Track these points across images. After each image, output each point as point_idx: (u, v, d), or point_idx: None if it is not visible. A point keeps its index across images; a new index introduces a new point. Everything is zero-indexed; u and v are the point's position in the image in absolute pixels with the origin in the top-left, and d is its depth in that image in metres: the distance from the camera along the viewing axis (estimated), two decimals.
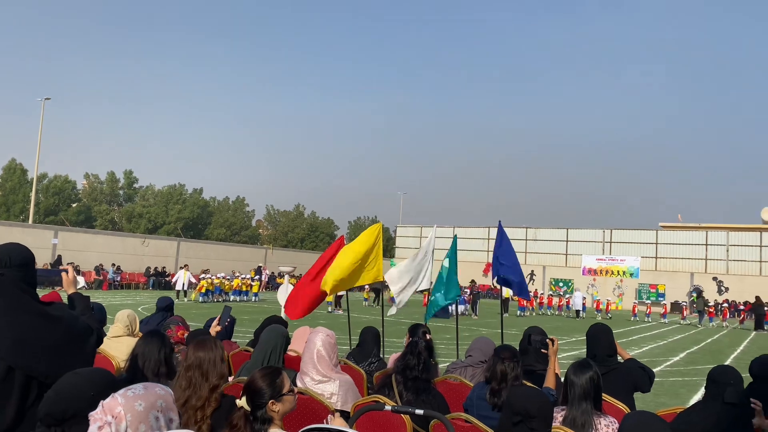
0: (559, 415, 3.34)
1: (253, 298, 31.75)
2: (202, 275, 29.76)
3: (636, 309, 34.85)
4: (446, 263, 8.81)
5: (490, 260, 53.36)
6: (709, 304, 34.08)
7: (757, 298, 32.71)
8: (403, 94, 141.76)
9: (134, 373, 3.18)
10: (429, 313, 9.17)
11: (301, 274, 42.93)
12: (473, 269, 48.70)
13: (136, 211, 62.21)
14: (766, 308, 31.11)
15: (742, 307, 37.36)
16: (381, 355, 5.65)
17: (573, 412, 3.26)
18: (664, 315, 34.73)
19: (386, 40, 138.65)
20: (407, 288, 9.14)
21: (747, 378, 3.75)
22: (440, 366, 5.55)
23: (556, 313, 34.86)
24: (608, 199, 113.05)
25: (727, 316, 34.83)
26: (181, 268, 30.94)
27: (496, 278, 8.33)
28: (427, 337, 4.97)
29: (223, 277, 30.90)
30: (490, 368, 3.89)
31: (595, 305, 36.18)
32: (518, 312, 30.59)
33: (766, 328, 29.81)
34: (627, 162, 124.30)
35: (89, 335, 2.93)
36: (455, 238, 9.37)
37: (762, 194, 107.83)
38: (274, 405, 2.65)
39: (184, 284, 29.06)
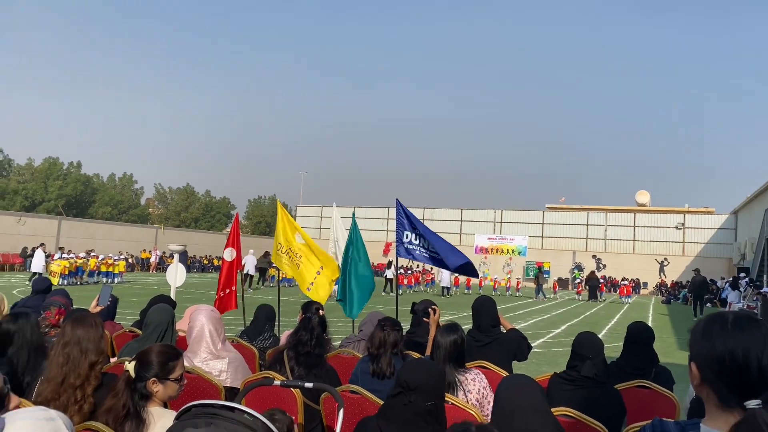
0: None
1: (116, 279, 28.58)
2: (65, 255, 26.81)
3: (519, 285, 36.77)
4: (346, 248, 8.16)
5: (390, 239, 53.91)
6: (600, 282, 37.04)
7: (592, 272, 37.74)
8: (304, 73, 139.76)
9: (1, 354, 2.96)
10: (350, 310, 7.97)
11: (208, 257, 41.08)
12: (373, 248, 49.13)
13: (10, 187, 57.28)
14: (600, 281, 36.43)
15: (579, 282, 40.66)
16: (275, 333, 5.61)
17: None
18: (555, 291, 37.12)
19: (286, 12, 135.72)
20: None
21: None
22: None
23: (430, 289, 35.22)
24: (499, 181, 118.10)
25: (604, 291, 37.66)
26: (36, 247, 26.14)
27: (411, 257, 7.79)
28: (321, 313, 4.98)
29: (85, 257, 28.19)
30: (373, 337, 3.96)
31: (492, 283, 37.41)
32: (409, 290, 31.58)
33: (600, 298, 34.10)
34: (517, 145, 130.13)
35: None
36: (354, 218, 9.09)
37: (636, 179, 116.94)
38: (155, 384, 2.55)
39: (40, 266, 24.30)
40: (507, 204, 75.60)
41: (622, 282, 38.24)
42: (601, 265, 49.71)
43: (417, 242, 7.48)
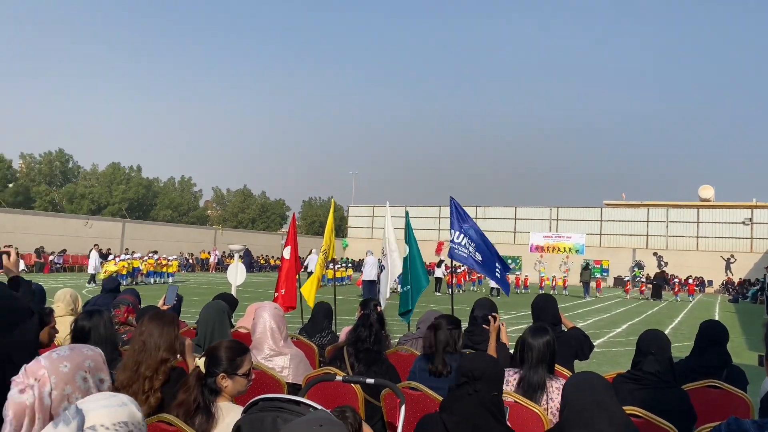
0: (512, 377, 3.42)
1: (170, 279, 29.17)
2: (123, 256, 27.60)
3: (600, 284, 34.51)
4: (405, 249, 8.34)
5: (442, 239, 53.53)
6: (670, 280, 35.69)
7: (662, 271, 36.34)
8: (355, 75, 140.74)
9: None
10: (404, 313, 8.24)
11: (271, 257, 41.98)
12: (425, 248, 49.04)
13: (77, 191, 59.98)
14: (670, 281, 35.16)
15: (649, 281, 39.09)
16: (333, 330, 5.68)
17: (529, 374, 3.36)
18: (598, 288, 35.22)
19: (338, 20, 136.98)
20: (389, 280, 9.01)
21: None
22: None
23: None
24: (555, 177, 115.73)
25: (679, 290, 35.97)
26: (92, 249, 27.26)
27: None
28: (379, 309, 5.01)
29: (140, 258, 28.81)
30: (430, 337, 3.94)
31: (539, 282, 36.73)
32: (457, 290, 31.32)
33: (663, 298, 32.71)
34: (573, 142, 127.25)
35: (29, 317, 2.84)
36: (407, 216, 9.12)
37: (699, 172, 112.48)
38: (224, 379, 2.62)
39: (96, 267, 25.59)
40: (563, 201, 74.12)
41: (688, 280, 36.68)
42: (662, 263, 48.07)
43: (462, 243, 7.51)
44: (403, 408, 2.77)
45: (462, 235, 7.51)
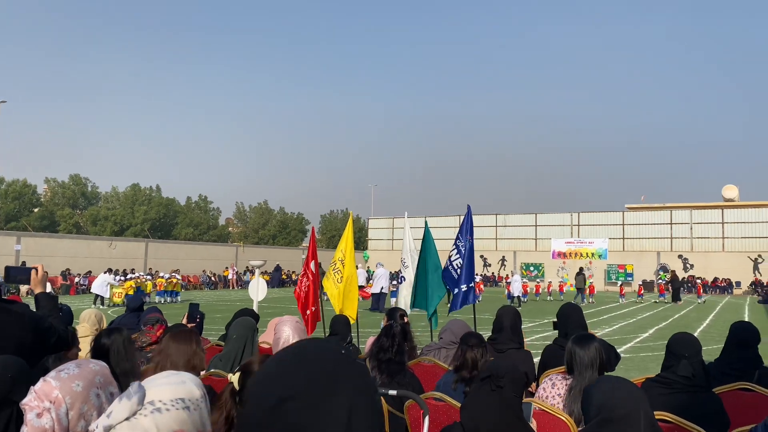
0: (561, 383, 3.36)
1: (177, 297, 28.20)
2: (130, 275, 27.79)
3: (623, 290, 33.29)
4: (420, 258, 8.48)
5: None
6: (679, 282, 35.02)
7: (673, 272, 35.21)
8: (371, 87, 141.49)
9: None
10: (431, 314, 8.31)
11: (291, 273, 42.13)
12: (444, 258, 48.89)
13: (101, 214, 60.91)
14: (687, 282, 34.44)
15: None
16: (354, 342, 5.66)
17: (581, 382, 3.30)
18: (639, 294, 34.65)
19: (352, 32, 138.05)
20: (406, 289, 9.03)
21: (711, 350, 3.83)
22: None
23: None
24: (575, 183, 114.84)
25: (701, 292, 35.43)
26: (105, 272, 26.93)
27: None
28: (405, 320, 4.98)
29: (144, 276, 28.80)
30: (459, 357, 3.89)
31: (559, 288, 36.18)
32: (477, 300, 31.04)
33: (681, 299, 32.27)
34: (592, 145, 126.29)
35: (51, 335, 2.87)
36: (427, 227, 9.11)
37: (722, 172, 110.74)
38: None
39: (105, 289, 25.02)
40: (584, 206, 73.37)
41: (698, 280, 36.22)
42: (688, 265, 47.29)
43: (455, 256, 7.90)
44: (426, 419, 2.74)
45: (458, 248, 8.12)
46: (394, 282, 28.82)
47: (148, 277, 30.05)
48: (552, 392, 3.29)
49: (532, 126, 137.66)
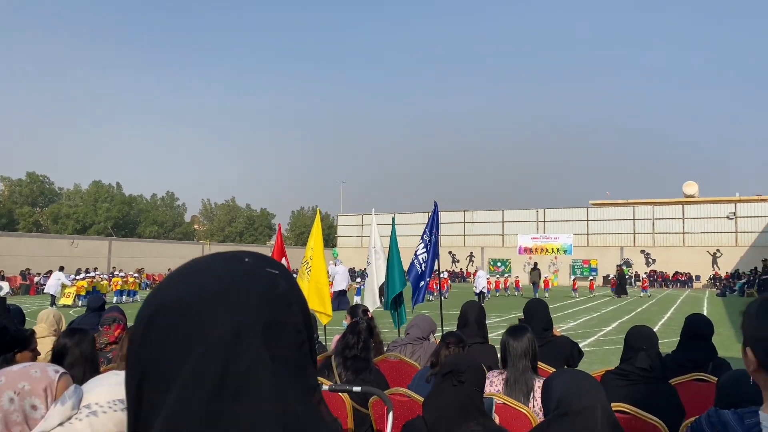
0: (497, 378, 3.41)
1: (136, 296, 27.59)
2: (83, 275, 27.34)
3: (576, 284, 33.94)
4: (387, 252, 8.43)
5: None
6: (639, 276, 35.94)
7: (619, 267, 36.52)
8: (339, 82, 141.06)
9: None
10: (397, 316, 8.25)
11: None
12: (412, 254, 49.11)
13: (62, 211, 59.44)
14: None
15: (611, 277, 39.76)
16: (321, 340, 5.65)
17: (514, 373, 3.36)
18: (591, 289, 34.80)
19: (318, 29, 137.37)
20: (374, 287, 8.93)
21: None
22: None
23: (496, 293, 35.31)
24: (540, 179, 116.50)
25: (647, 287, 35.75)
26: (59, 270, 26.10)
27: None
28: (369, 315, 4.99)
29: (100, 275, 28.51)
30: (437, 354, 3.91)
31: (515, 284, 36.39)
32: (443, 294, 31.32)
33: (627, 293, 33.75)
34: (557, 142, 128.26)
35: (3, 335, 2.81)
36: (393, 224, 9.21)
37: (683, 169, 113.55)
38: None
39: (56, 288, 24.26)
40: (549, 202, 74.51)
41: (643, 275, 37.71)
42: (650, 260, 48.43)
43: (422, 250, 7.94)
44: (390, 415, 2.75)
45: (424, 242, 8.15)
46: (358, 279, 28.80)
47: (105, 276, 29.43)
48: (490, 390, 3.34)
49: (499, 124, 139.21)
